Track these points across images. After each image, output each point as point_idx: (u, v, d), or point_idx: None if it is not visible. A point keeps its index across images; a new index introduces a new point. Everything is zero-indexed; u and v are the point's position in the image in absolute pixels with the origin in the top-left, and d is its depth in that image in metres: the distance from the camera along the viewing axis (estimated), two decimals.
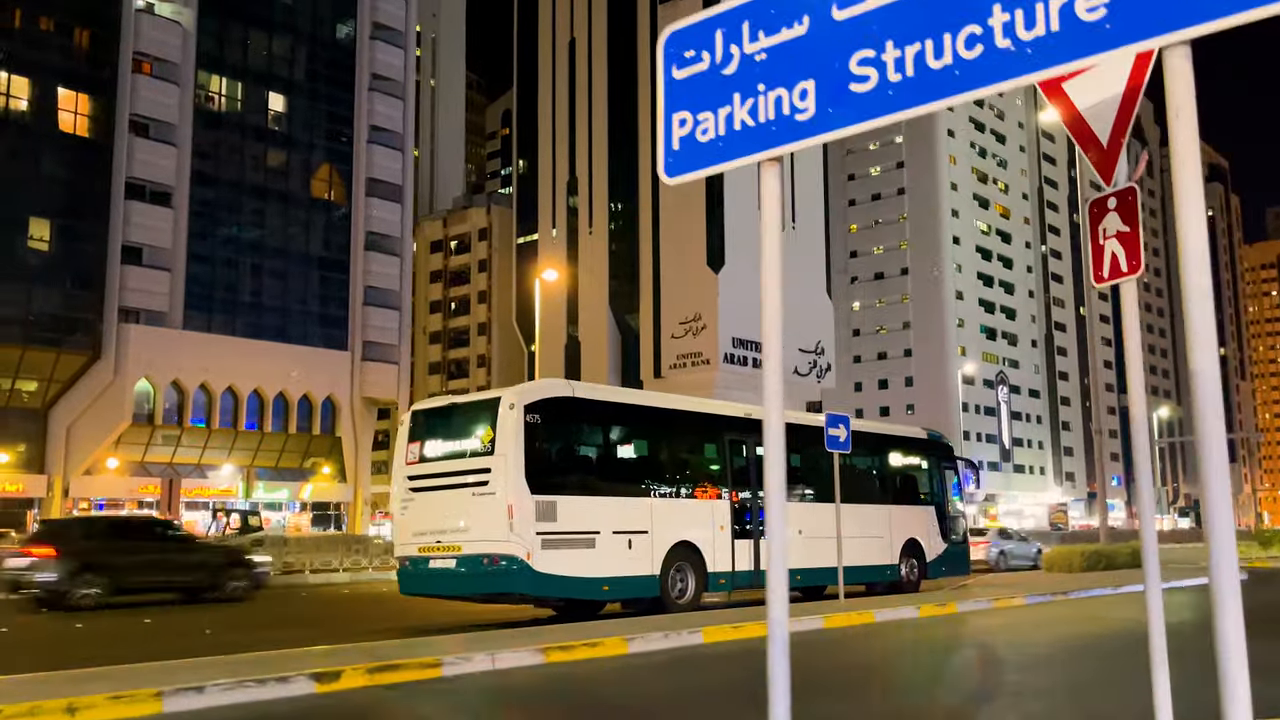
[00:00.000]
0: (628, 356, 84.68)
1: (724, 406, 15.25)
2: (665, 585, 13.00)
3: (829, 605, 13.37)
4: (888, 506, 17.13)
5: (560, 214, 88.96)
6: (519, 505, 11.37)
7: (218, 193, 51.66)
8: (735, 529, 14.09)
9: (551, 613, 13.81)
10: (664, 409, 14.11)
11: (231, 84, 52.78)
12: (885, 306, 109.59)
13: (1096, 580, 20.06)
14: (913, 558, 17.50)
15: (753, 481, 14.64)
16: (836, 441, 13.76)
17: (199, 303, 50.20)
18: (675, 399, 14.57)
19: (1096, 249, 4.44)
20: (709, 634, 10.00)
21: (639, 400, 13.88)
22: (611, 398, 13.49)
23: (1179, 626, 10.82)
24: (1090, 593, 17.19)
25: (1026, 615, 13.52)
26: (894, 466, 17.97)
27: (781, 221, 2.65)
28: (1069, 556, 24.43)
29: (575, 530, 11.93)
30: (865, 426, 17.96)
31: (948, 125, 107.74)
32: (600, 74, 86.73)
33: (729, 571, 13.90)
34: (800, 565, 14.92)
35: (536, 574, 11.43)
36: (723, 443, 14.31)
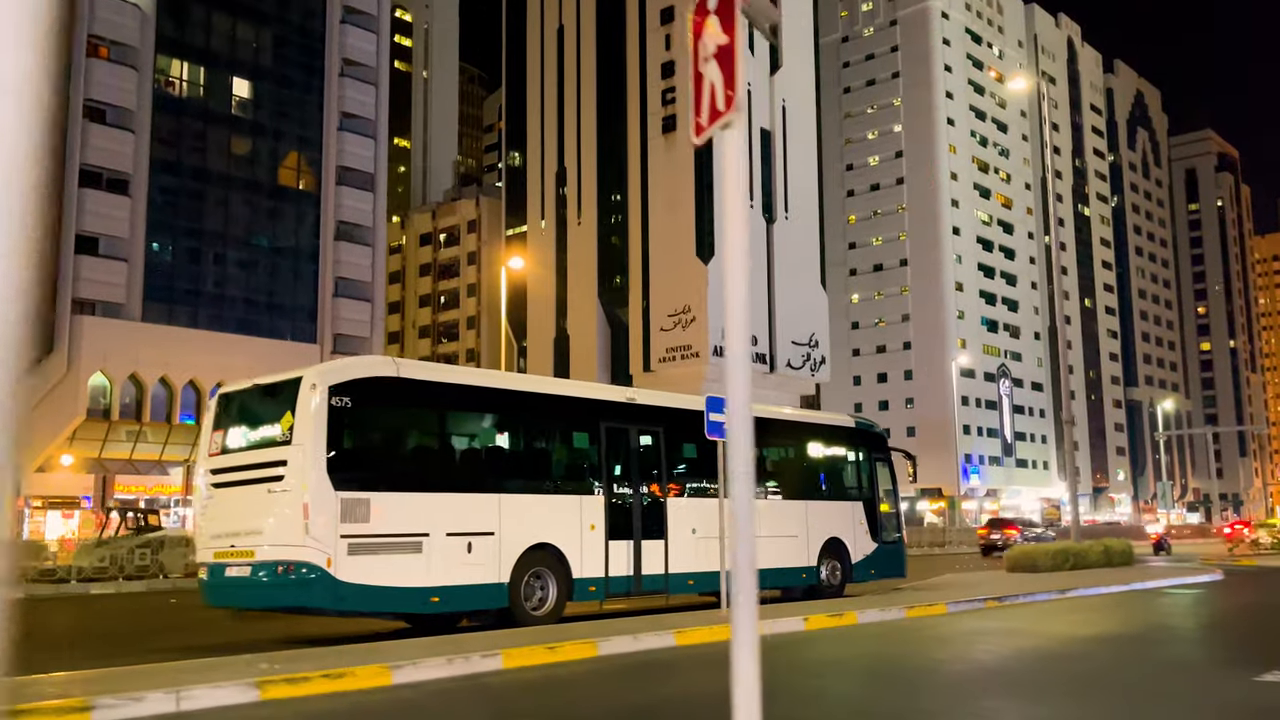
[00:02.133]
0: (617, 350, 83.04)
1: (600, 390, 13.61)
2: (517, 594, 11.33)
3: (699, 616, 11.69)
4: (804, 502, 15.43)
5: (549, 205, 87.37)
6: (318, 503, 9.73)
7: (179, 181, 50.21)
8: (611, 529, 12.42)
9: (403, 625, 12.19)
10: (518, 391, 12.34)
11: (194, 69, 51.27)
12: (884, 299, 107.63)
13: (1053, 582, 18.35)
14: (835, 559, 15.80)
15: (635, 475, 12.98)
16: (718, 429, 12.07)
17: (159, 294, 48.75)
18: (536, 380, 12.85)
19: (697, 81, 2.82)
20: (512, 658, 8.35)
21: (486, 382, 12.09)
22: (448, 378, 11.70)
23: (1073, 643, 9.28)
24: (1034, 597, 15.49)
25: (932, 629, 11.83)
26: (813, 458, 16.25)
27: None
28: (1033, 555, 22.70)
29: (395, 533, 10.27)
30: (776, 413, 16.29)
31: (947, 114, 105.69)
32: (589, 61, 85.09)
33: (601, 577, 12.23)
34: (695, 569, 13.27)
35: (340, 584, 9.77)
36: (598, 431, 12.63)
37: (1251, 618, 13.52)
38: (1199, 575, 21.86)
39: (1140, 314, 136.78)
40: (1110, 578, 19.88)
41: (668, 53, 79.65)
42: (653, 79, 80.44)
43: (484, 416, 11.83)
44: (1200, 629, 11.97)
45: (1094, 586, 17.77)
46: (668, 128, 79.20)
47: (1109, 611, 14.13)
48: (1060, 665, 8.49)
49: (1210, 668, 8.55)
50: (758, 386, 78.96)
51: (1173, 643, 10.44)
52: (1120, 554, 25.60)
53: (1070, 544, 24.81)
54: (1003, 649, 9.88)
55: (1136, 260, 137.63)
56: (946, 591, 15.96)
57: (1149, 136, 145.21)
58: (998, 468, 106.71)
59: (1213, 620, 13.07)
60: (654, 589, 12.88)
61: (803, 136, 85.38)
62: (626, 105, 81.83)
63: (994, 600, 14.59)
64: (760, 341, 79.00)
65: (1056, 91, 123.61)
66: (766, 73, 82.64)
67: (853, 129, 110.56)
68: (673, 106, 79.10)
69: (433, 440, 11.42)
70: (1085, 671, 7.88)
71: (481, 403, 11.68)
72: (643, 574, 12.68)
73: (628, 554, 12.55)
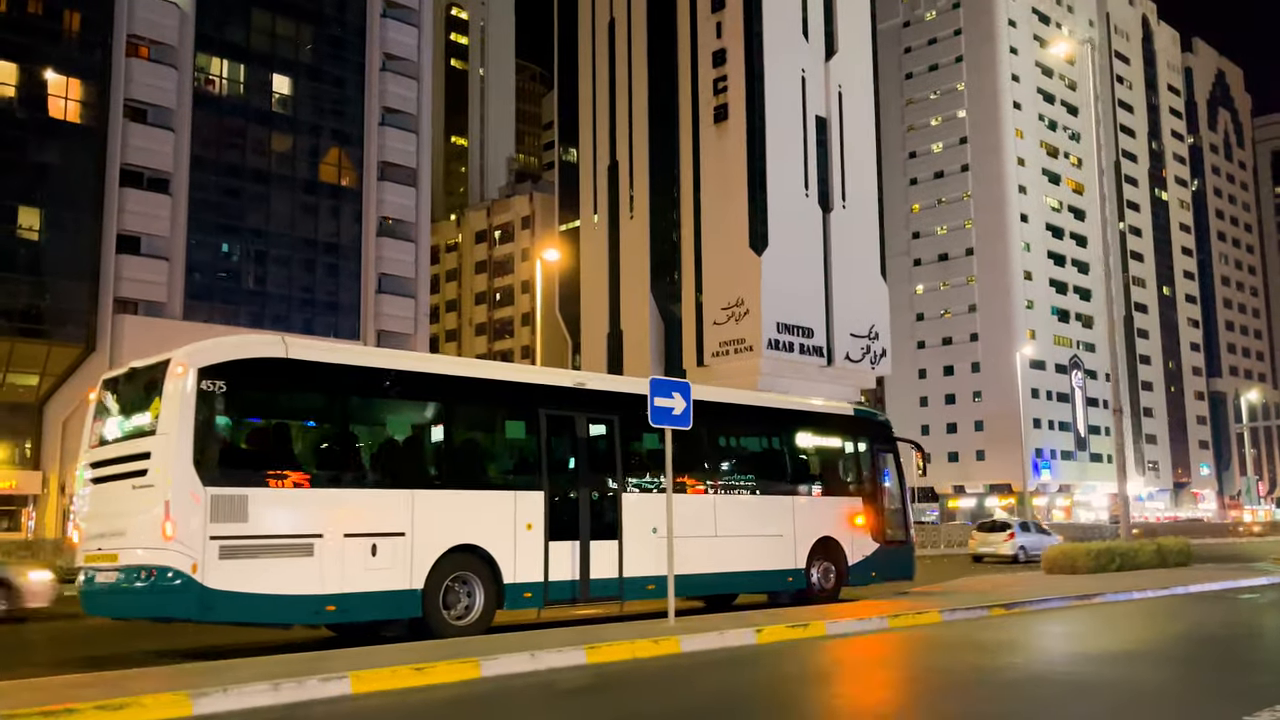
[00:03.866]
0: (670, 345, 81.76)
1: (542, 374, 12.34)
2: (434, 603, 10.14)
3: (632, 628, 10.37)
4: (790, 498, 13.99)
5: (602, 199, 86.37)
6: (182, 501, 8.67)
7: (220, 179, 50.19)
8: (552, 528, 11.17)
9: (328, 633, 11.11)
10: (435, 375, 11.01)
11: (233, 66, 51.23)
12: (950, 289, 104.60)
13: (1087, 585, 16.67)
14: (828, 561, 14.34)
15: (584, 468, 11.72)
16: (666, 415, 10.76)
17: (200, 292, 48.81)
18: (460, 363, 11.60)
19: None
20: (364, 681, 7.17)
21: (396, 364, 10.77)
22: (350, 359, 10.39)
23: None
24: (1048, 603, 13.90)
25: (898, 644, 10.37)
26: (803, 449, 14.77)
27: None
28: (1072, 555, 20.93)
29: (279, 534, 9.17)
30: (758, 400, 14.88)
31: (1014, 98, 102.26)
32: (640, 53, 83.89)
33: (539, 582, 10.98)
34: (656, 572, 11.98)
35: (208, 592, 8.69)
36: (537, 420, 11.39)
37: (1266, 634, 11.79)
38: (1259, 578, 19.90)
39: (1224, 302, 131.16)
40: (1156, 580, 18.11)
41: (719, 41, 78.06)
42: (704, 68, 78.91)
43: (394, 403, 10.64)
44: (1219, 645, 10.33)
45: (1131, 591, 16.07)
46: (719, 117, 77.61)
47: (1129, 621, 12.52)
48: (1016, 697, 7.04)
49: (1200, 699, 7.04)
50: (813, 380, 77.03)
51: (1170, 663, 8.86)
52: (1176, 553, 23.63)
53: (1118, 543, 22.91)
54: (961, 672, 8.43)
55: (1219, 246, 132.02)
56: (952, 597, 14.43)
57: (1231, 117, 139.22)
58: (1071, 462, 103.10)
59: (1241, 634, 11.37)
60: (605, 595, 11.61)
61: (860, 123, 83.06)
62: (678, 96, 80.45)
63: (1000, 608, 13.05)
64: (817, 334, 77.09)
65: (1131, 72, 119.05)
66: (822, 58, 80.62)
67: (915, 115, 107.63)
68: (724, 96, 77.52)
69: (329, 430, 10.25)
70: (1041, 700, 6.49)
71: (394, 388, 10.45)
72: (590, 578, 11.42)
73: (572, 556, 11.29)
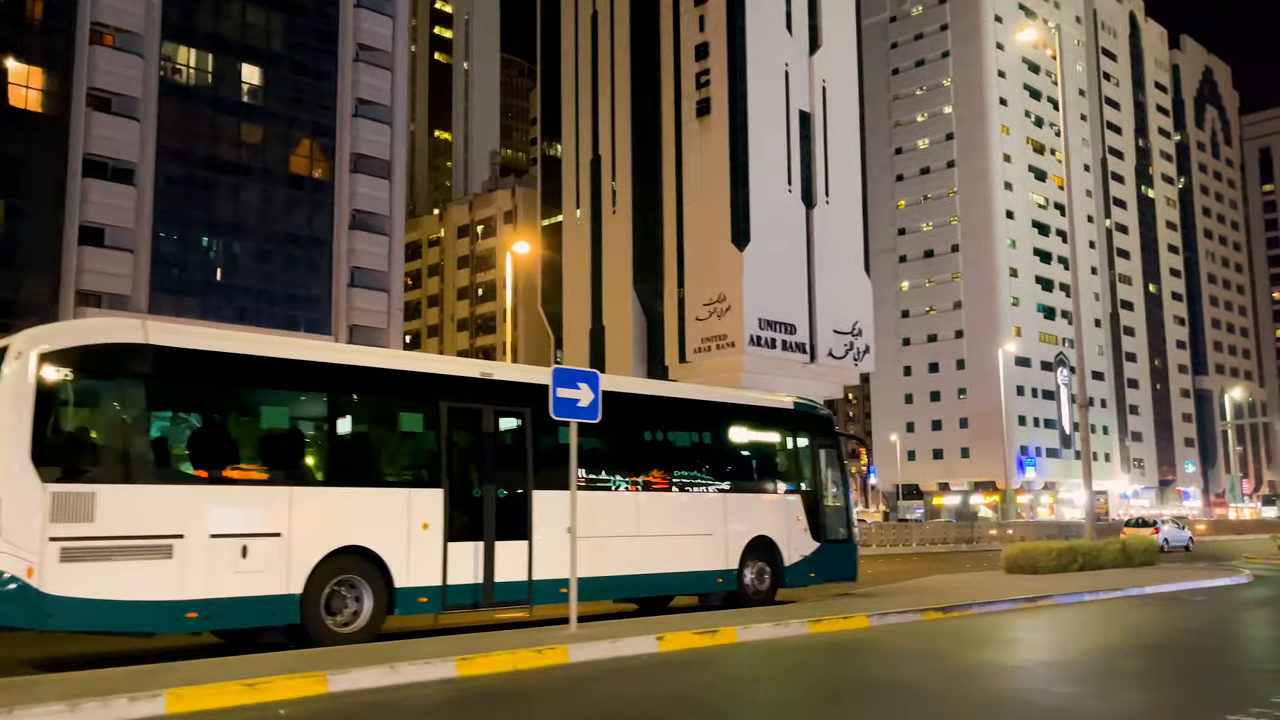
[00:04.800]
0: (653, 342, 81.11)
1: (441, 363, 11.62)
2: (315, 608, 9.43)
3: (524, 636, 9.68)
4: (721, 496, 13.32)
5: (584, 194, 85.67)
6: (15, 499, 7.96)
7: (187, 169, 49.28)
8: (452, 529, 10.48)
9: (216, 640, 10.39)
10: (317, 363, 10.15)
11: (201, 55, 50.31)
12: (935, 286, 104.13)
13: (1042, 585, 16.05)
14: (763, 561, 13.67)
15: (490, 465, 11.01)
16: (571, 408, 10.07)
17: (166, 286, 47.90)
18: (343, 350, 10.84)
19: None
20: (181, 700, 6.47)
21: (271, 351, 9.89)
22: (219, 346, 9.51)
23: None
24: (994, 606, 13.27)
25: (795, 655, 9.70)
26: (736, 444, 14.09)
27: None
28: (1033, 555, 20.28)
29: (133, 534, 8.47)
30: (682, 392, 14.20)
31: (999, 93, 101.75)
32: (623, 47, 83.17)
33: (436, 586, 10.29)
34: (568, 574, 11.29)
35: (46, 599, 7.99)
36: (437, 412, 10.68)
37: (1226, 637, 11.14)
38: (1223, 578, 19.32)
39: (1210, 299, 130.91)
40: (1115, 581, 17.51)
41: (701, 34, 77.37)
42: (686, 61, 78.23)
43: (268, 393, 9.91)
44: (1148, 656, 9.68)
45: (1084, 592, 15.46)
46: (702, 111, 76.93)
47: (1065, 628, 11.88)
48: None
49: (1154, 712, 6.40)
50: (796, 376, 76.43)
51: (1090, 677, 8.21)
52: (1141, 552, 23.04)
53: (1080, 542, 22.30)
54: (851, 689, 7.77)
55: (1206, 244, 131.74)
56: (890, 599, 13.79)
57: (1219, 115, 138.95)
58: (1056, 460, 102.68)
59: (1174, 643, 10.72)
60: (513, 599, 10.92)
61: (844, 118, 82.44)
62: (660, 90, 79.76)
63: (937, 611, 12.40)
64: (800, 330, 76.48)
65: (1118, 69, 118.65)
66: (805, 53, 79.96)
67: (901, 111, 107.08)
68: (706, 90, 76.84)
69: (194, 422, 9.54)
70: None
71: (265, 377, 9.75)
72: (495, 581, 10.72)
73: (475, 558, 10.59)
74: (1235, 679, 7.97)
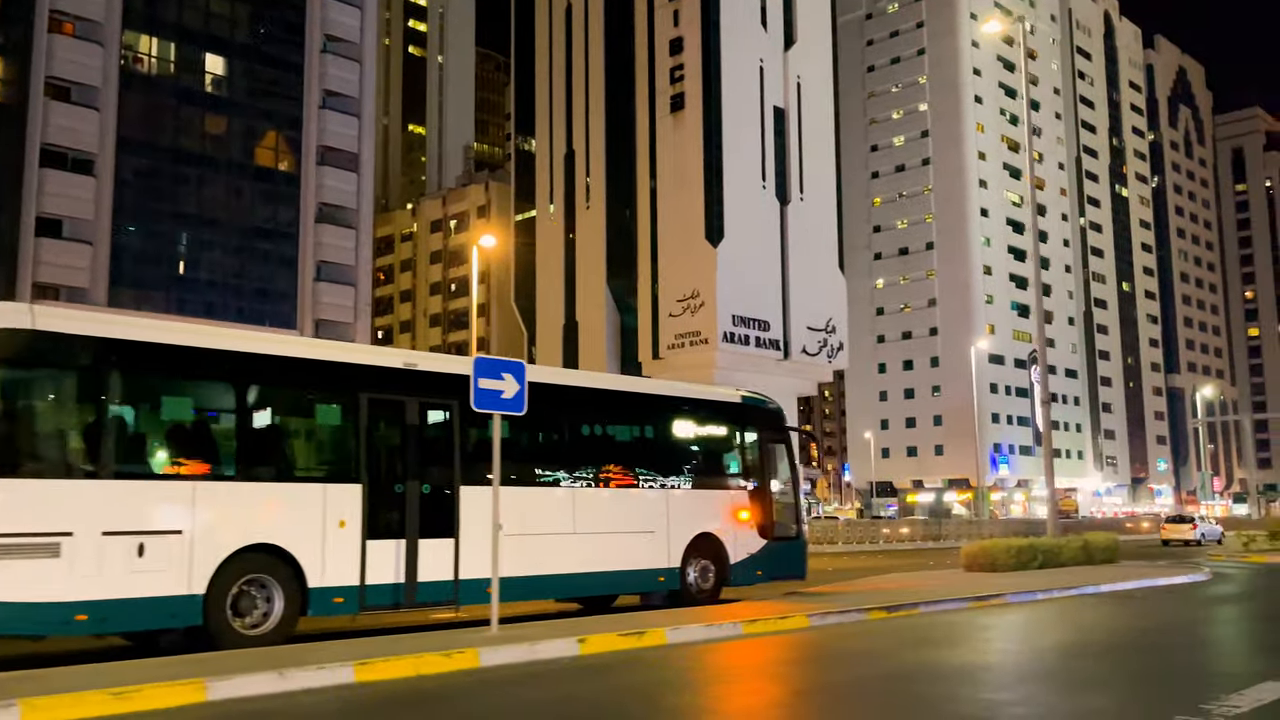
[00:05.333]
0: (627, 338, 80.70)
1: (362, 353, 11.13)
2: (220, 609, 8.96)
3: (442, 638, 9.23)
4: (663, 492, 12.91)
5: (558, 189, 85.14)
6: None
7: (149, 161, 48.49)
8: (372, 526, 10.02)
9: (122, 642, 9.89)
10: (223, 352, 9.55)
11: (164, 45, 49.51)
12: (910, 284, 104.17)
13: (1000, 584, 15.75)
14: (707, 559, 13.28)
15: (414, 459, 10.56)
16: (494, 399, 9.63)
17: (127, 279, 47.11)
18: (260, 339, 10.36)
19: None
20: (35, 710, 6.01)
21: (171, 339, 9.30)
22: (116, 333, 9.01)
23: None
24: (941, 606, 12.94)
25: (745, 656, 9.32)
26: (680, 439, 13.68)
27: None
28: (992, 552, 20.02)
29: (14, 531, 7.96)
30: (624, 385, 13.81)
31: (975, 91, 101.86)
32: (597, 41, 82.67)
33: (354, 586, 9.82)
34: (502, 573, 10.87)
35: None
36: (356, 404, 10.21)
37: (1175, 635, 10.84)
38: (1182, 576, 19.09)
39: (1183, 298, 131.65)
40: (1073, 578, 17.23)
41: (676, 29, 76.95)
42: (661, 56, 77.80)
43: (168, 382, 9.40)
44: (1087, 658, 9.34)
45: (1038, 590, 15.15)
46: (676, 106, 76.54)
47: (1011, 627, 11.56)
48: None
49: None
50: (770, 373, 76.18)
51: (1018, 682, 7.85)
52: (1103, 550, 22.82)
53: (1042, 540, 22.06)
54: (763, 701, 7.38)
55: (1179, 243, 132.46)
56: (837, 599, 13.43)
57: (1192, 114, 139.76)
58: (1029, 458, 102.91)
59: (1119, 644, 10.40)
60: (438, 598, 10.48)
61: (819, 115, 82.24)
62: (635, 84, 79.33)
63: (883, 610, 12.04)
64: (773, 327, 76.27)
65: (1093, 68, 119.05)
66: (780, 49, 79.70)
67: (877, 109, 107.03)
68: (681, 85, 76.46)
69: (85, 412, 9.01)
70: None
71: (165, 364, 9.23)
72: (419, 580, 10.27)
73: (397, 556, 10.14)
74: (1180, 680, 7.63)
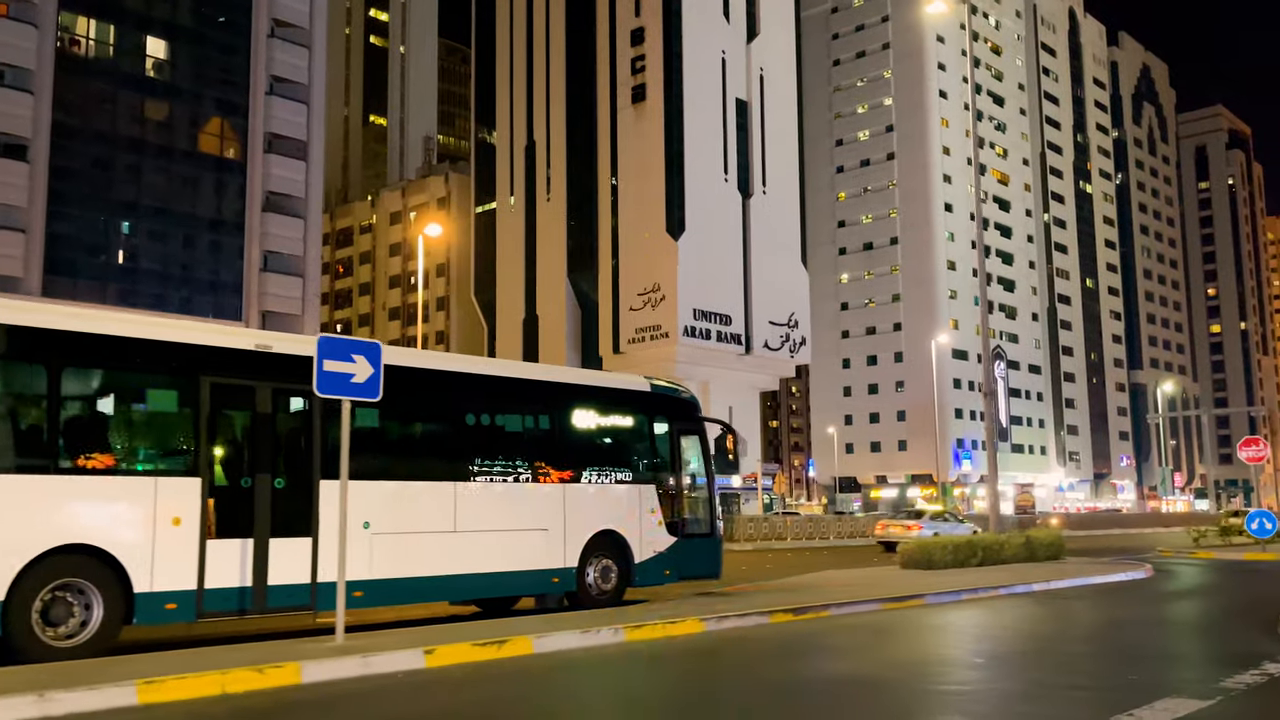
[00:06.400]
0: (587, 332, 79.79)
1: (204, 332, 10.09)
2: (23, 618, 7.95)
3: (273, 649, 8.30)
4: (558, 486, 11.99)
5: (519, 181, 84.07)
6: None
7: (86, 146, 47.01)
8: (211, 524, 9.06)
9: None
10: (29, 328, 8.40)
11: (102, 27, 47.99)
12: (875, 279, 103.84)
13: (929, 583, 14.99)
14: (609, 558, 12.39)
15: (262, 451, 9.59)
16: (341, 384, 8.69)
17: (62, 268, 45.63)
18: (77, 316, 9.37)
19: None
20: None
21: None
22: None
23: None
24: (852, 608, 12.15)
25: (608, 668, 8.46)
26: (576, 429, 12.74)
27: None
28: (929, 550, 19.29)
29: None
30: (516, 371, 12.87)
31: (940, 86, 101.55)
32: (558, 31, 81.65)
33: (190, 590, 8.85)
34: (370, 575, 9.96)
35: None
36: (195, 390, 9.22)
37: (1082, 642, 10.07)
38: (1123, 573, 18.42)
39: (1145, 295, 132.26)
40: (1008, 577, 16.52)
41: (637, 19, 76.07)
42: (622, 47, 76.89)
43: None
44: (996, 662, 8.56)
45: (969, 589, 14.40)
46: (637, 98, 75.69)
47: (926, 629, 10.74)
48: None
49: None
50: (731, 368, 75.62)
51: (914, 696, 7.04)
52: (1047, 546, 22.17)
53: (981, 536, 21.39)
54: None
55: (1142, 239, 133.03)
56: (747, 599, 12.60)
57: (1155, 112, 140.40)
58: None
59: (1018, 650, 9.63)
60: (292, 603, 9.51)
61: (782, 107, 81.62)
62: (596, 75, 78.41)
63: (788, 613, 11.21)
64: (735, 321, 75.59)
65: (1057, 64, 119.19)
66: (743, 40, 79.01)
67: (842, 103, 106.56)
68: (642, 75, 75.62)
69: None
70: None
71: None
72: (269, 584, 9.32)
73: (242, 558, 9.18)
74: (1072, 697, 6.82)
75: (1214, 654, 8.95)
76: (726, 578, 16.94)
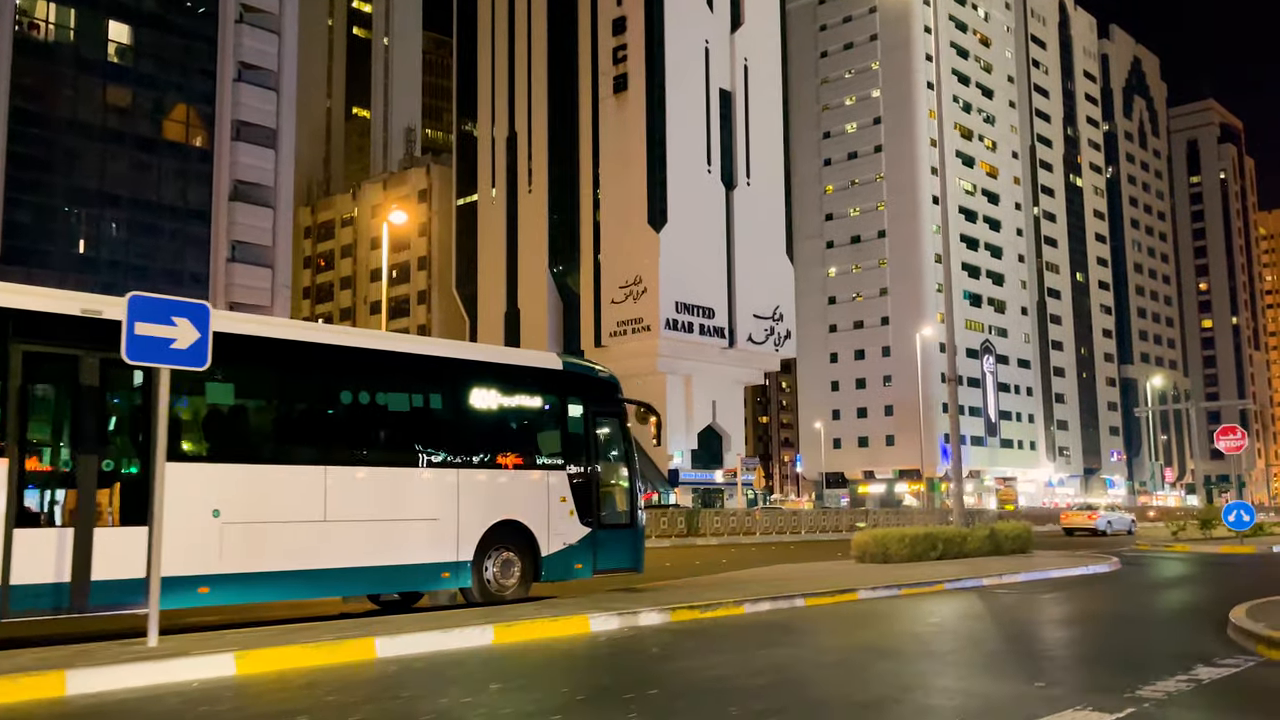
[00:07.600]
0: (569, 325, 78.74)
1: (20, 294, 8.98)
2: None
3: (67, 654, 7.26)
4: (451, 472, 10.93)
5: (500, 173, 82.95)
6: None
7: (45, 133, 45.98)
8: (22, 511, 8.03)
9: None
10: None
11: (62, 11, 46.92)
12: (862, 272, 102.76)
13: (875, 576, 13.99)
14: (511, 550, 11.36)
15: (89, 429, 8.57)
16: (155, 349, 7.67)
17: (21, 257, 44.54)
18: None
19: None
20: None
21: None
22: None
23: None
24: (782, 602, 11.12)
25: (450, 677, 7.44)
26: (476, 410, 11.65)
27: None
28: (885, 542, 18.29)
29: None
30: (404, 345, 11.80)
31: (927, 78, 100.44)
32: (540, 21, 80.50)
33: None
34: (220, 569, 8.94)
35: None
36: (4, 359, 8.19)
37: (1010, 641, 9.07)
38: (1087, 566, 17.45)
39: (1136, 289, 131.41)
40: (962, 570, 15.56)
41: (619, 8, 74.96)
42: (604, 36, 75.78)
43: None
44: (889, 658, 7.56)
45: (911, 583, 13.41)
46: (619, 88, 74.61)
47: (837, 628, 9.73)
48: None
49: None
50: (714, 361, 74.62)
51: (738, 695, 6.03)
52: (1012, 540, 21.20)
53: (941, 529, 20.40)
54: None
55: (1132, 233, 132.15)
56: (658, 594, 11.60)
57: (1147, 105, 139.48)
58: (981, 448, 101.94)
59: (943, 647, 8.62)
60: (122, 601, 8.48)
61: (767, 98, 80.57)
62: (578, 65, 77.32)
63: (695, 610, 10.19)
64: (718, 314, 74.58)
65: (1047, 57, 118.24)
66: (727, 30, 77.92)
67: (830, 95, 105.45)
68: (624, 65, 74.52)
69: None
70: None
71: None
72: (93, 579, 8.29)
73: (59, 550, 8.16)
74: (911, 712, 5.79)
75: (1147, 656, 7.95)
76: (663, 572, 15.94)
